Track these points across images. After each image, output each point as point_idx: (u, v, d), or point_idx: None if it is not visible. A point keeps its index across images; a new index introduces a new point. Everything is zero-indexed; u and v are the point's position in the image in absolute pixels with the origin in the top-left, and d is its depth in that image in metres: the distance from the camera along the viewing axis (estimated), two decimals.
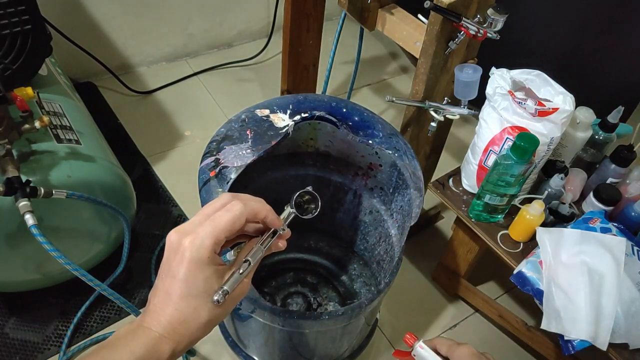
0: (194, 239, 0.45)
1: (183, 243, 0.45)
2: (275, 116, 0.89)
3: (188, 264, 0.45)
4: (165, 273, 0.46)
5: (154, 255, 1.35)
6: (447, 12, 0.90)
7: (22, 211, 0.86)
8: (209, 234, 0.46)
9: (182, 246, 0.45)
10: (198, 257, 0.45)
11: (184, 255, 0.45)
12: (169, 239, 0.47)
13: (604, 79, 1.48)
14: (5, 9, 0.90)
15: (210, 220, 0.47)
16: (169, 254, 0.46)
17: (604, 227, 0.97)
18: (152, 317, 0.45)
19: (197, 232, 0.46)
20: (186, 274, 0.45)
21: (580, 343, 0.88)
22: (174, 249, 0.46)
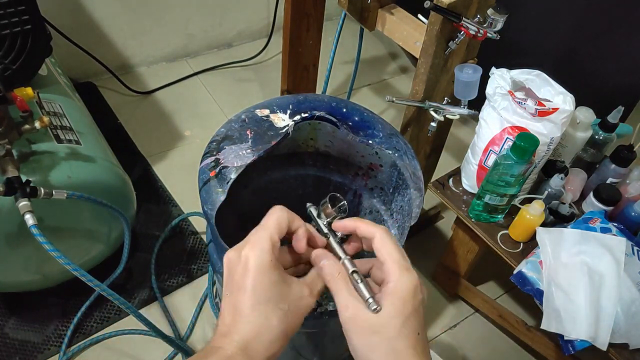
0: (253, 246, 0.46)
1: (243, 254, 0.45)
2: (275, 116, 0.89)
3: (253, 272, 0.45)
4: (229, 290, 0.46)
5: (153, 254, 1.35)
6: (447, 12, 0.90)
7: (22, 211, 0.86)
8: (264, 237, 0.46)
9: (243, 257, 0.45)
10: (261, 262, 0.45)
11: (247, 264, 0.45)
12: (226, 257, 0.47)
13: (604, 79, 1.47)
14: (5, 9, 0.90)
15: (257, 228, 0.48)
16: (230, 270, 0.46)
17: (604, 227, 0.97)
18: (222, 336, 0.44)
19: (252, 241, 0.46)
20: (253, 282, 0.44)
21: (580, 343, 0.88)
22: (235, 263, 0.46)
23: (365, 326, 0.45)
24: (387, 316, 0.45)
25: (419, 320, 0.46)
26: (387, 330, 0.44)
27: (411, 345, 0.45)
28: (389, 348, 0.44)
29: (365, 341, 0.45)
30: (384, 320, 0.45)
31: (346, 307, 0.47)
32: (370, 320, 0.45)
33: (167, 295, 1.29)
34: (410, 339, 0.45)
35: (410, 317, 0.45)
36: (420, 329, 0.46)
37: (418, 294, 0.46)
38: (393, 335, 0.44)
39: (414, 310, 0.46)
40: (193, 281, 1.33)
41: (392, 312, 0.45)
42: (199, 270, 1.35)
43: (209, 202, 0.77)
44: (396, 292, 0.45)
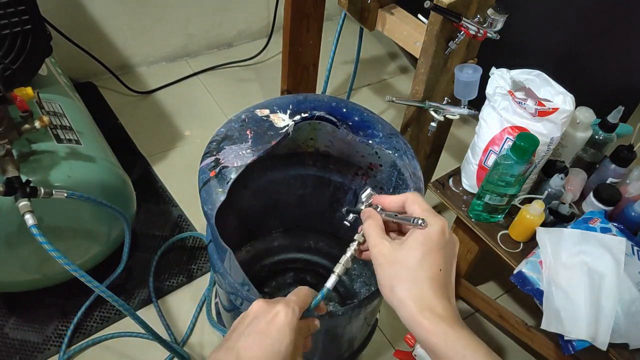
0: (286, 306, 0.51)
1: (276, 308, 0.51)
2: (275, 116, 0.89)
3: (279, 325, 0.50)
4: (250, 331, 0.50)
5: (155, 256, 1.35)
6: (447, 12, 0.90)
7: (22, 211, 0.86)
8: (296, 303, 0.53)
9: (275, 310, 0.51)
10: (289, 321, 0.50)
11: (276, 317, 0.50)
12: (257, 304, 0.53)
13: (604, 79, 1.47)
14: (5, 9, 0.90)
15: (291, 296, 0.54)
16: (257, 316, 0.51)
17: (604, 227, 0.96)
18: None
19: (286, 301, 0.52)
20: (276, 333, 0.49)
21: (580, 343, 0.88)
22: (264, 311, 0.51)
23: (389, 257, 0.50)
24: (409, 247, 0.50)
25: (445, 257, 0.50)
26: (408, 260, 0.49)
27: (430, 276, 0.48)
28: (408, 276, 0.49)
29: (389, 271, 0.50)
30: (405, 251, 0.50)
31: (374, 245, 0.52)
32: (394, 252, 0.50)
33: (167, 295, 1.29)
34: (430, 270, 0.49)
35: (432, 251, 0.49)
36: (444, 266, 0.50)
37: (445, 234, 0.50)
38: (412, 265, 0.49)
39: (438, 247, 0.50)
40: (193, 281, 1.33)
41: (413, 245, 0.50)
42: (199, 270, 1.35)
43: (209, 202, 0.77)
44: (420, 231, 0.50)
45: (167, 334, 1.22)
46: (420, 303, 0.48)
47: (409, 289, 0.48)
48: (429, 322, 0.47)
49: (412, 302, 0.48)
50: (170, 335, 1.22)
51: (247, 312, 0.53)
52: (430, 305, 0.47)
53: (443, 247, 0.50)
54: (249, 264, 1.21)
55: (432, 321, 0.47)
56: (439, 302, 0.48)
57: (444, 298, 0.48)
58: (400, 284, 0.49)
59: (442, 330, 0.46)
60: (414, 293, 0.48)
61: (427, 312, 0.47)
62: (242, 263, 0.98)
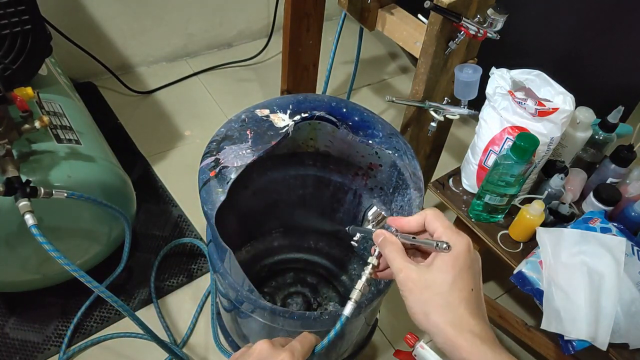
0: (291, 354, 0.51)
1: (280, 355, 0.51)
2: (275, 116, 0.89)
3: None
4: None
5: (157, 257, 1.34)
6: (447, 12, 0.90)
7: (22, 211, 0.86)
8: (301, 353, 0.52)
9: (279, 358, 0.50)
10: None
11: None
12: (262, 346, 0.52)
13: (604, 79, 1.47)
14: (5, 9, 0.90)
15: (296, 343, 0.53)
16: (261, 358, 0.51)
17: (604, 227, 0.97)
18: None
19: (291, 349, 0.52)
20: None
21: (580, 343, 0.88)
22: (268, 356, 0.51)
23: (418, 283, 0.48)
24: (438, 271, 0.48)
25: (473, 276, 0.49)
26: (439, 285, 0.47)
27: (464, 297, 0.47)
28: (442, 301, 0.47)
29: (419, 297, 0.48)
30: (435, 275, 0.48)
31: (400, 269, 0.50)
32: (423, 277, 0.48)
33: (167, 296, 1.29)
34: (463, 292, 0.47)
35: (462, 273, 0.48)
36: (474, 285, 0.48)
37: (470, 252, 0.49)
38: (445, 289, 0.47)
39: (467, 267, 0.48)
40: (193, 281, 1.33)
41: (442, 268, 0.48)
42: (199, 270, 1.35)
43: (209, 202, 0.77)
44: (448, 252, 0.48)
45: (167, 335, 1.22)
46: (459, 327, 0.46)
47: (445, 313, 0.47)
48: (470, 345, 0.46)
49: (450, 327, 0.46)
50: (170, 336, 1.22)
51: (251, 351, 0.52)
52: (469, 327, 0.46)
53: (471, 266, 0.49)
54: (249, 264, 1.21)
55: (472, 342, 0.46)
56: (476, 322, 0.47)
57: (480, 318, 0.48)
58: (435, 309, 0.47)
59: (483, 352, 0.46)
60: (450, 317, 0.47)
61: (467, 334, 0.46)
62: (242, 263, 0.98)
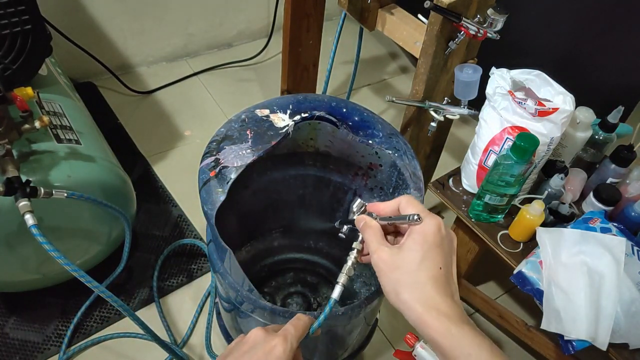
0: (284, 340, 0.52)
1: (274, 342, 0.51)
2: (275, 116, 0.89)
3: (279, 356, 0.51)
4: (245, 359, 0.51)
5: (159, 258, 1.34)
6: (447, 12, 0.90)
7: (22, 211, 0.86)
8: (294, 337, 0.53)
9: (272, 343, 0.51)
10: (287, 356, 0.51)
11: (273, 350, 0.51)
12: (256, 333, 0.53)
13: (604, 79, 1.47)
14: (5, 9, 0.90)
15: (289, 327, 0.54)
16: (255, 346, 0.52)
17: (604, 227, 0.96)
18: None
19: (284, 335, 0.53)
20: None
21: (580, 343, 0.88)
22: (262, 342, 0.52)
23: (389, 263, 0.50)
24: (408, 250, 0.50)
25: (444, 255, 0.50)
26: (408, 264, 0.49)
27: (432, 276, 0.49)
28: (411, 280, 0.49)
29: (390, 276, 0.50)
30: (405, 255, 0.50)
31: (374, 251, 0.52)
32: (393, 257, 0.50)
33: (167, 296, 1.29)
34: (431, 270, 0.49)
35: (431, 251, 0.49)
36: (444, 264, 0.50)
37: (441, 231, 0.51)
38: (414, 268, 0.49)
39: (436, 246, 0.50)
40: (193, 281, 1.33)
41: (412, 247, 0.50)
42: (199, 270, 1.35)
43: (209, 202, 0.77)
44: (417, 230, 0.50)
45: (167, 334, 1.22)
46: (426, 304, 0.48)
47: (413, 291, 0.49)
48: (435, 321, 0.47)
49: (417, 304, 0.48)
50: (170, 336, 1.22)
51: (245, 339, 0.54)
52: (435, 305, 0.48)
53: (440, 244, 0.50)
54: (249, 264, 1.21)
55: (438, 320, 0.47)
56: (443, 300, 0.48)
57: (448, 296, 0.49)
58: (404, 288, 0.49)
59: (447, 328, 0.47)
60: (418, 295, 0.49)
61: (433, 311, 0.48)
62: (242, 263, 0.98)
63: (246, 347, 0.52)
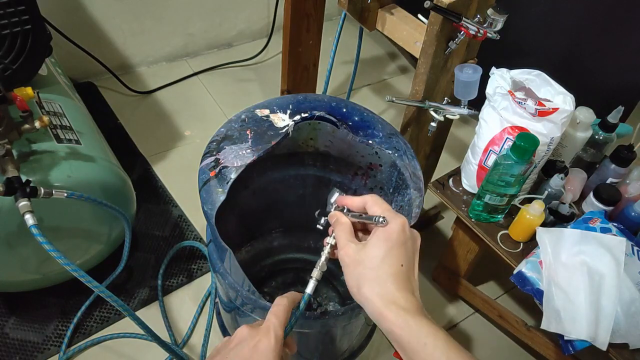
0: (267, 332, 0.53)
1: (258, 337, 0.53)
2: (275, 116, 0.89)
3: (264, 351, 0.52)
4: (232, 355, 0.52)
5: (164, 261, 1.34)
6: (447, 12, 0.90)
7: (22, 211, 0.86)
8: (277, 327, 0.54)
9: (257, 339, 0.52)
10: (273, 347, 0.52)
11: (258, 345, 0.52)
12: (241, 331, 0.54)
13: (604, 79, 1.48)
14: (5, 9, 0.90)
15: (271, 317, 0.55)
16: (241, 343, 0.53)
17: (604, 227, 0.97)
18: None
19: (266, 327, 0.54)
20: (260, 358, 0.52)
21: (580, 343, 0.88)
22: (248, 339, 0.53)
23: (354, 259, 0.53)
24: (371, 247, 0.52)
25: (405, 253, 0.52)
26: (371, 261, 0.51)
27: (393, 272, 0.51)
28: (372, 275, 0.51)
29: (353, 271, 0.53)
30: (368, 251, 0.52)
31: (341, 247, 0.55)
32: (358, 253, 0.53)
33: (167, 295, 1.29)
34: (392, 267, 0.51)
35: (394, 249, 0.52)
36: (405, 261, 0.52)
37: (405, 231, 0.53)
38: (375, 264, 0.51)
39: (399, 244, 0.52)
40: (193, 281, 1.33)
41: (376, 244, 0.52)
42: (199, 270, 1.35)
43: (209, 202, 0.77)
44: (382, 229, 0.52)
45: (168, 334, 1.22)
46: (385, 299, 0.50)
47: (374, 286, 0.51)
48: (393, 315, 0.49)
49: (377, 299, 0.50)
50: (171, 336, 1.22)
51: (232, 337, 0.55)
52: (394, 300, 0.50)
53: (404, 243, 0.52)
54: (249, 264, 1.21)
55: (396, 313, 0.49)
56: (402, 295, 0.50)
57: (407, 291, 0.51)
58: (366, 283, 0.51)
59: (405, 321, 0.49)
60: (377, 290, 0.50)
61: (392, 305, 0.50)
62: (242, 263, 0.98)
63: (232, 345, 0.54)
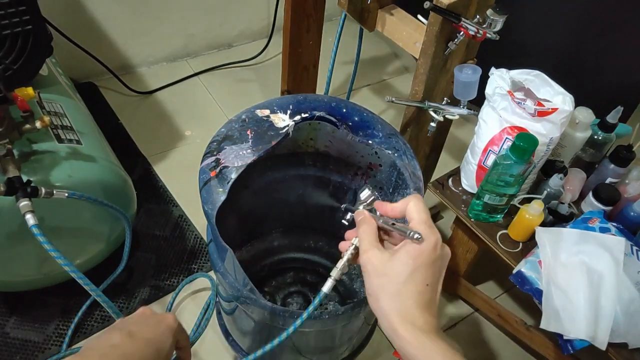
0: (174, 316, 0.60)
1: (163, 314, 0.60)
2: (276, 116, 0.89)
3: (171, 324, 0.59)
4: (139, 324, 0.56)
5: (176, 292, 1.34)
6: (446, 12, 0.91)
7: (23, 211, 0.86)
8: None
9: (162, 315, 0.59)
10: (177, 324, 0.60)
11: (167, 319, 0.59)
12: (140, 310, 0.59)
13: (603, 79, 1.48)
14: (6, 9, 0.91)
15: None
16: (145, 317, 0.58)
17: (603, 227, 0.97)
18: None
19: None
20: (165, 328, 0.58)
21: (580, 342, 0.88)
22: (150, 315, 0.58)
23: (378, 267, 0.50)
24: (399, 262, 0.49)
25: (433, 273, 0.50)
26: (397, 274, 0.49)
27: (416, 291, 0.48)
28: (394, 290, 0.49)
29: (377, 280, 0.50)
30: (395, 265, 0.49)
31: (365, 250, 0.52)
32: (383, 263, 0.50)
33: (167, 295, 1.29)
34: (418, 285, 0.48)
35: (422, 268, 0.49)
36: (431, 281, 0.49)
37: (437, 249, 0.50)
38: (401, 279, 0.48)
39: (429, 262, 0.49)
40: (193, 281, 1.33)
41: (404, 260, 0.49)
42: (199, 270, 1.35)
43: (209, 202, 0.78)
44: (414, 245, 0.49)
45: None
46: (403, 316, 0.48)
47: (394, 301, 0.48)
48: (409, 334, 0.47)
49: (395, 315, 0.48)
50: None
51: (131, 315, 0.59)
52: (412, 319, 0.48)
53: (433, 262, 0.49)
54: (249, 264, 1.21)
55: (412, 333, 0.47)
56: (421, 315, 0.48)
57: (427, 312, 0.48)
58: (386, 296, 0.49)
59: (421, 342, 0.46)
60: (398, 306, 0.48)
61: (408, 324, 0.47)
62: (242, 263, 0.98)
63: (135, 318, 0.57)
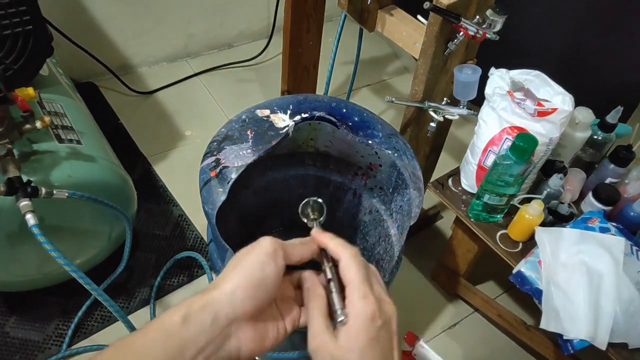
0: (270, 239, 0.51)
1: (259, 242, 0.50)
2: (276, 116, 0.89)
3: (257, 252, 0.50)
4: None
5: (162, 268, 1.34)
6: (446, 13, 0.91)
7: (23, 211, 0.86)
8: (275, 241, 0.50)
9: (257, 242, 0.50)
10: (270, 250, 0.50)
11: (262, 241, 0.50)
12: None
13: (603, 79, 1.48)
14: (6, 10, 0.91)
15: None
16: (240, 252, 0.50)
17: (603, 226, 0.97)
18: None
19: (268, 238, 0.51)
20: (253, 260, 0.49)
21: (580, 342, 0.88)
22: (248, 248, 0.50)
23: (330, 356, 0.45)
24: (344, 348, 0.45)
25: (381, 347, 0.46)
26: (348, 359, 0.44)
27: None
28: None
29: None
30: (343, 353, 0.45)
31: (314, 337, 0.47)
32: (332, 353, 0.45)
33: (168, 295, 1.30)
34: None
35: (368, 348, 0.45)
36: (385, 350, 0.46)
37: (375, 320, 0.45)
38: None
39: (371, 340, 0.45)
40: (193, 281, 1.33)
41: (347, 345, 0.45)
42: (199, 269, 1.35)
43: (209, 201, 0.78)
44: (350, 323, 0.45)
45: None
46: None
47: None
48: None
49: None
50: None
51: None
52: None
53: (377, 334, 0.45)
54: None
55: None
56: None
57: None
58: None
59: None
60: None
61: None
62: None
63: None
